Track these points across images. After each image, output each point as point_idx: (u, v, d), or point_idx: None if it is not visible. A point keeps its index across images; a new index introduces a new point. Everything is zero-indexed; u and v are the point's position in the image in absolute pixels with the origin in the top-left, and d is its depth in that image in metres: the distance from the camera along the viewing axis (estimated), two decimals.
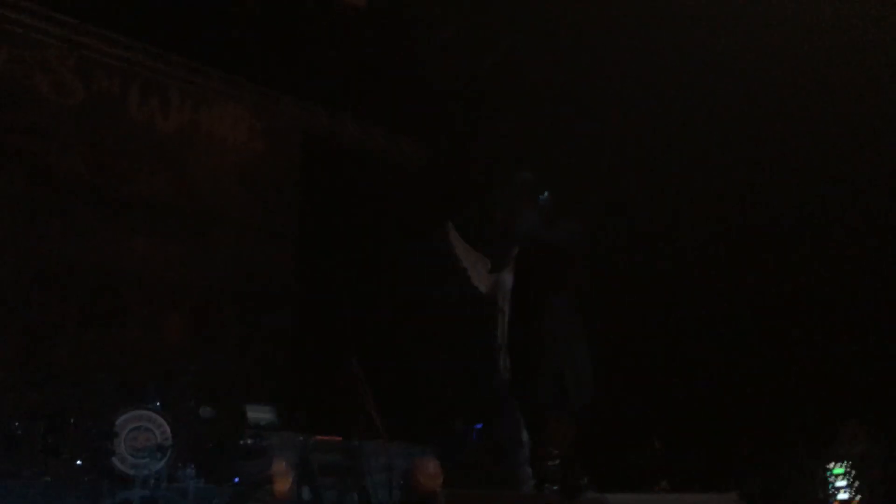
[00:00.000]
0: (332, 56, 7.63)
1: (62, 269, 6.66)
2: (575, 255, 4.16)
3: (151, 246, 7.22)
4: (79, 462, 4.95)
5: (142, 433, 5.10)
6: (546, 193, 4.28)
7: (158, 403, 5.43)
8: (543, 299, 4.19)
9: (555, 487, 4.30)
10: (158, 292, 7.13)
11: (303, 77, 7.94)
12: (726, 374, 7.25)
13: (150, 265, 7.15)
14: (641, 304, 7.64)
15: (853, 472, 6.36)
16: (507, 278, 7.50)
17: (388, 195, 8.58)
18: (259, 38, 7.37)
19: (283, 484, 5.83)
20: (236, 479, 5.37)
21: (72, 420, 5.19)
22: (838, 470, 6.43)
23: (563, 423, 4.28)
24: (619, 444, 7.24)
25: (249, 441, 5.55)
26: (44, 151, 6.81)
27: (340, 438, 6.25)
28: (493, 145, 8.31)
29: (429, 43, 7.57)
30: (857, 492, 6.31)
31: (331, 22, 7.28)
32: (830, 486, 6.59)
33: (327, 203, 8.26)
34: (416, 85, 8.03)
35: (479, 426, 7.15)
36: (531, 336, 4.07)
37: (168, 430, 5.12)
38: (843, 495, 6.37)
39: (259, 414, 5.90)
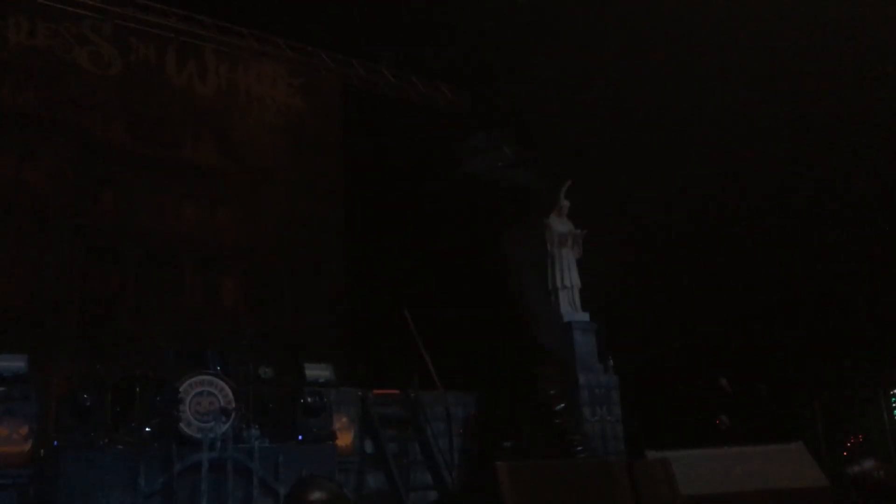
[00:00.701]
0: (365, 7, 7.49)
1: (116, 240, 6.79)
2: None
3: (201, 210, 7.30)
4: (147, 429, 5.10)
5: (205, 398, 5.21)
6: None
7: (219, 367, 5.54)
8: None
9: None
10: (212, 256, 7.22)
11: (336, 30, 7.83)
12: (789, 308, 7.13)
13: (201, 230, 7.24)
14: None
15: None
16: (556, 222, 7.46)
17: (430, 142, 8.49)
18: None
19: (346, 438, 5.97)
20: (300, 437, 5.48)
21: (137, 388, 5.34)
22: None
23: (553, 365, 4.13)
24: (686, 381, 7.21)
25: (310, 399, 5.64)
26: (88, 123, 6.88)
27: (398, 391, 6.33)
28: (530, 88, 8.14)
29: None
30: None
31: None
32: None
33: (371, 154, 8.22)
34: (451, 31, 7.86)
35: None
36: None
37: (230, 393, 5.22)
38: None
39: (317, 371, 5.98)
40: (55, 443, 4.84)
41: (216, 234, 7.25)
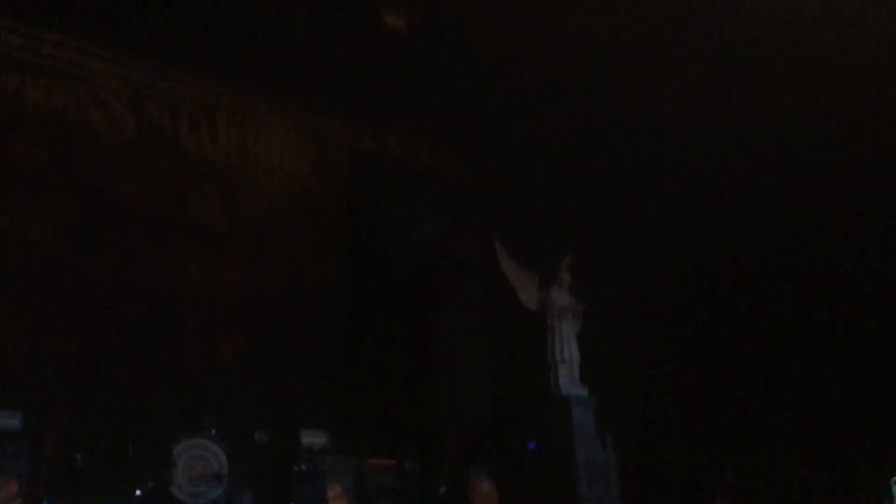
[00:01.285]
0: (375, 77, 7.69)
1: (119, 295, 6.82)
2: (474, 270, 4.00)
3: (205, 270, 7.34)
4: (138, 492, 5.04)
5: (199, 462, 5.18)
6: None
7: (214, 431, 5.50)
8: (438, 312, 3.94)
9: None
10: (213, 316, 7.24)
11: (346, 98, 8.02)
12: (791, 385, 7.11)
13: (203, 289, 7.27)
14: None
15: None
16: (557, 295, 7.48)
17: (435, 211, 8.59)
18: (302, 62, 7.46)
19: None
20: None
21: (131, 449, 5.30)
22: None
23: (457, 437, 4.07)
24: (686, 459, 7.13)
25: (304, 466, 5.58)
26: (98, 183, 7.00)
27: (395, 461, 6.26)
28: (538, 161, 8.28)
29: (469, 63, 7.57)
30: None
31: (373, 44, 7.32)
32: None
33: (375, 220, 8.32)
34: (458, 102, 8.05)
35: (532, 445, 7.10)
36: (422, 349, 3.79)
37: (224, 458, 5.19)
38: None
39: (313, 438, 5.93)
40: (45, 503, 4.78)
41: (218, 295, 7.28)
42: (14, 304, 6.33)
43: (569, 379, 7.16)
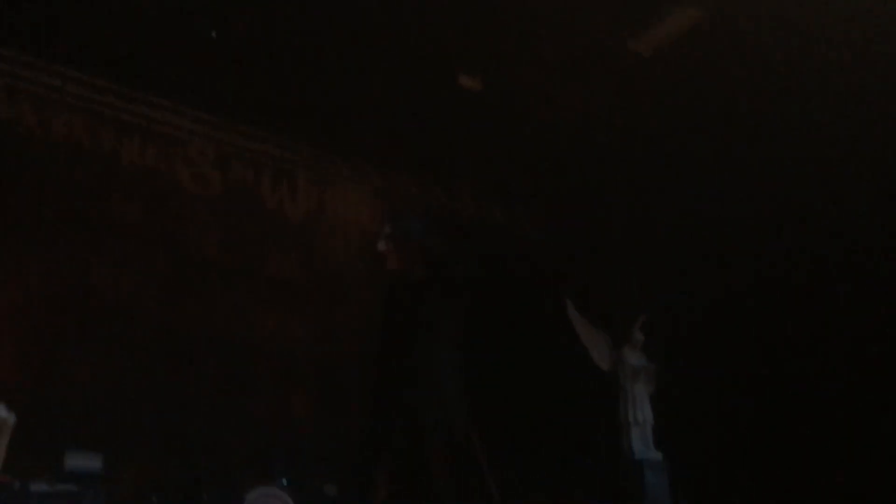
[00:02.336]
0: (451, 136, 7.89)
1: (198, 345, 7.04)
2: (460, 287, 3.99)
3: (280, 323, 7.54)
4: None
5: None
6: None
7: (285, 480, 5.58)
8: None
9: None
10: (286, 367, 7.40)
11: (422, 157, 8.24)
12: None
13: (278, 341, 7.46)
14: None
15: None
16: (630, 355, 7.39)
17: (509, 270, 8.64)
18: (379, 123, 7.73)
19: None
20: None
21: (205, 495, 5.41)
22: None
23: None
24: None
25: None
26: (183, 237, 7.31)
27: None
28: (613, 219, 8.28)
29: (542, 120, 7.71)
30: None
31: (448, 103, 7.54)
32: None
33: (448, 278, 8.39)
34: (534, 161, 8.17)
35: None
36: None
37: None
38: None
39: None
40: None
41: (292, 346, 7.45)
42: (101, 351, 6.60)
43: (641, 441, 7.02)
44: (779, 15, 6.18)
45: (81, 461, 5.30)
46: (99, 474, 5.33)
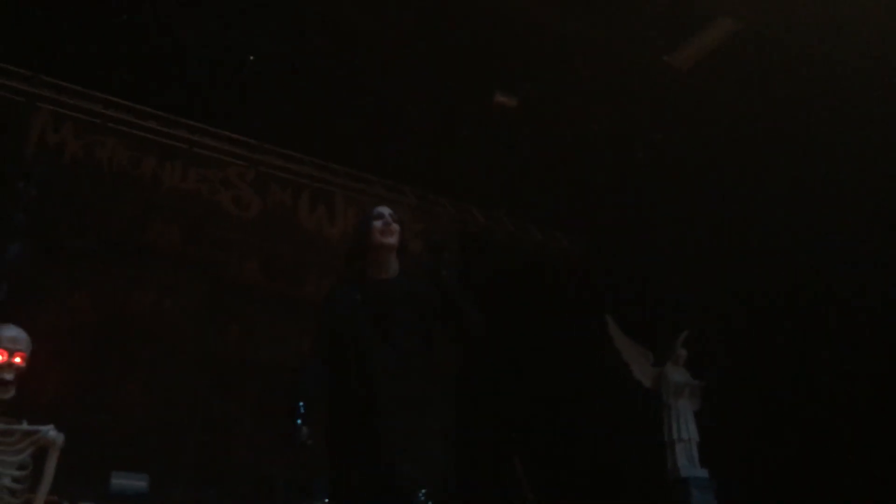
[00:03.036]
0: (487, 155, 7.89)
1: (239, 369, 7.09)
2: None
3: None
4: None
5: None
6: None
7: (327, 500, 5.56)
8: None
9: None
10: None
11: (459, 178, 8.24)
12: None
13: None
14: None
15: None
16: (673, 372, 7.27)
17: (546, 290, 8.59)
18: (416, 143, 7.75)
19: None
20: None
21: None
22: None
23: None
24: None
25: None
26: (224, 261, 7.38)
27: None
28: (649, 237, 8.20)
29: (581, 137, 7.68)
30: None
31: (484, 122, 7.55)
32: None
33: (485, 300, 8.34)
34: (569, 180, 8.13)
35: None
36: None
37: None
38: None
39: None
40: None
41: None
42: (145, 375, 6.68)
43: (687, 459, 6.89)
44: (815, 22, 6.09)
45: (127, 482, 5.34)
46: (145, 495, 5.36)
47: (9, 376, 4.24)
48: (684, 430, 6.94)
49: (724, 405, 7.13)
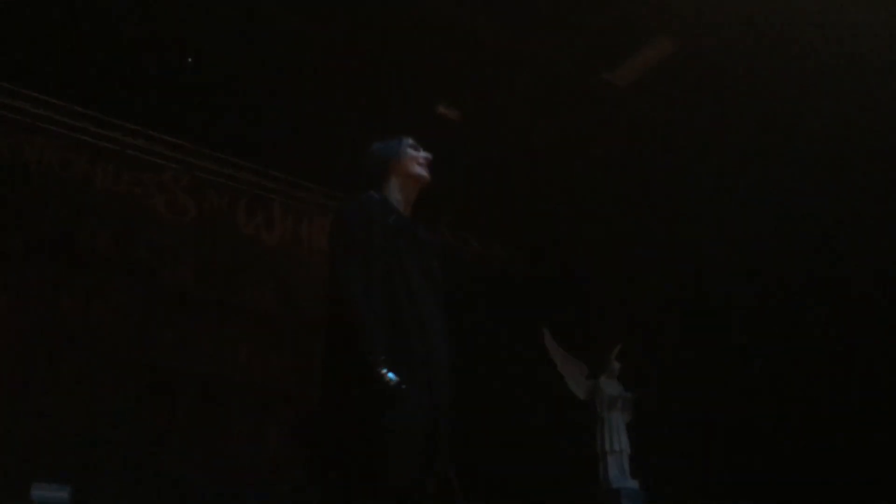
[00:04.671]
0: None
1: (170, 378, 6.90)
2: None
3: (255, 355, 7.42)
4: None
5: None
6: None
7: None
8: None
9: None
10: (261, 402, 7.26)
11: None
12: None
13: (253, 374, 7.33)
14: None
15: None
16: (607, 384, 7.38)
17: (485, 301, 8.63)
18: (357, 153, 7.68)
19: None
20: None
21: None
22: None
23: None
24: None
25: None
26: (158, 266, 7.19)
27: None
28: (585, 251, 8.31)
29: (522, 152, 7.75)
30: None
31: (425, 134, 7.54)
32: None
33: None
34: (510, 192, 8.19)
35: None
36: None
37: None
38: None
39: None
40: None
41: (267, 380, 7.33)
42: (71, 382, 6.45)
43: (618, 470, 7.00)
44: (751, 41, 6.28)
45: (48, 493, 5.16)
46: None
47: None
48: (616, 441, 7.05)
49: (655, 417, 7.26)
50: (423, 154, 3.05)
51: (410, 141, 3.12)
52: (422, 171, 3.00)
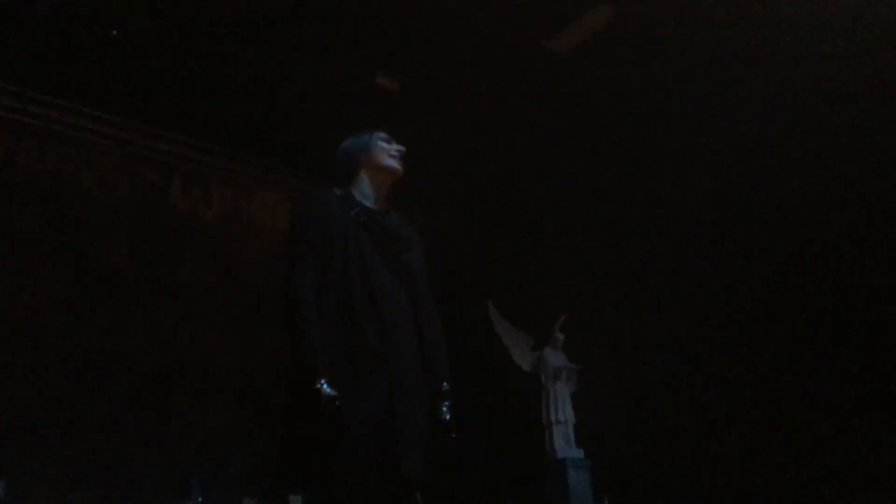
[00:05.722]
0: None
1: (109, 360, 6.69)
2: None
3: (197, 334, 7.25)
4: None
5: None
6: None
7: (201, 498, 5.37)
8: None
9: None
10: (204, 381, 7.12)
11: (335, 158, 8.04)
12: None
13: (195, 353, 7.17)
14: None
15: None
16: (551, 356, 7.41)
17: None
18: (297, 125, 7.52)
19: None
20: None
21: None
22: None
23: None
24: None
25: None
26: (90, 244, 6.94)
27: None
28: (529, 221, 8.29)
29: (464, 121, 7.66)
30: None
31: (364, 104, 7.39)
32: None
33: None
34: (453, 163, 8.10)
35: None
36: None
37: None
38: None
39: None
40: None
41: (211, 358, 7.18)
42: (2, 371, 6.21)
43: (563, 440, 7.06)
44: (690, 7, 6.28)
45: None
46: (3, 501, 5.01)
47: None
48: (561, 412, 7.10)
49: (599, 387, 7.33)
50: (395, 147, 2.98)
51: (382, 135, 3.06)
52: (393, 163, 2.96)
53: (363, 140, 3.02)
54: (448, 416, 2.73)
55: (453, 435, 2.70)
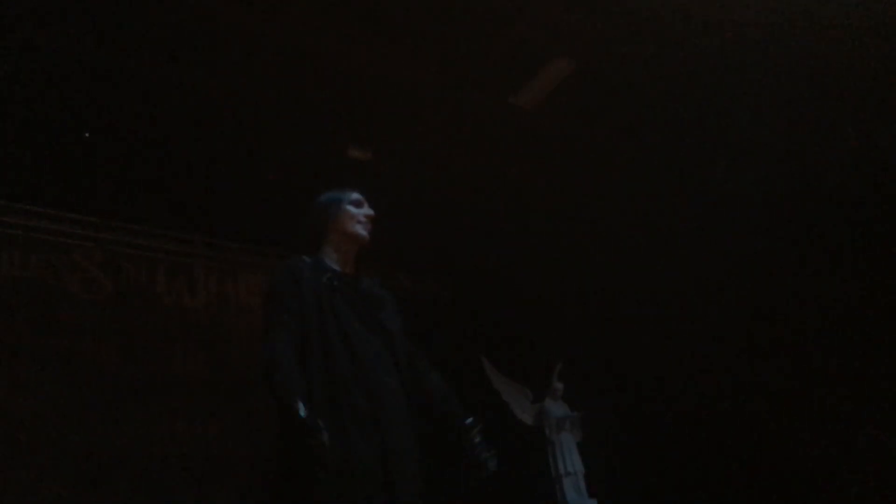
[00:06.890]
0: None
1: (106, 462, 6.58)
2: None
3: (192, 426, 7.15)
4: None
5: None
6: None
7: None
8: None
9: None
10: (204, 472, 6.99)
11: None
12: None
13: (192, 446, 7.06)
14: None
15: None
16: (552, 406, 7.37)
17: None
18: (276, 205, 7.58)
19: None
20: None
21: None
22: None
23: None
24: None
25: None
26: (78, 348, 6.89)
27: None
28: (513, 276, 8.33)
29: (438, 184, 7.75)
30: None
31: (339, 178, 7.47)
32: None
33: None
34: (432, 226, 8.18)
35: None
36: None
37: None
38: None
39: None
40: None
41: (208, 449, 7.06)
42: (2, 476, 6.10)
43: (575, 491, 6.96)
44: (647, 57, 6.45)
45: None
46: None
47: None
48: (570, 463, 7.01)
49: (604, 433, 7.27)
50: (364, 211, 3.02)
51: (354, 196, 3.11)
52: (359, 230, 3.00)
53: (333, 203, 3.06)
54: (482, 442, 2.75)
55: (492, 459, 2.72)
